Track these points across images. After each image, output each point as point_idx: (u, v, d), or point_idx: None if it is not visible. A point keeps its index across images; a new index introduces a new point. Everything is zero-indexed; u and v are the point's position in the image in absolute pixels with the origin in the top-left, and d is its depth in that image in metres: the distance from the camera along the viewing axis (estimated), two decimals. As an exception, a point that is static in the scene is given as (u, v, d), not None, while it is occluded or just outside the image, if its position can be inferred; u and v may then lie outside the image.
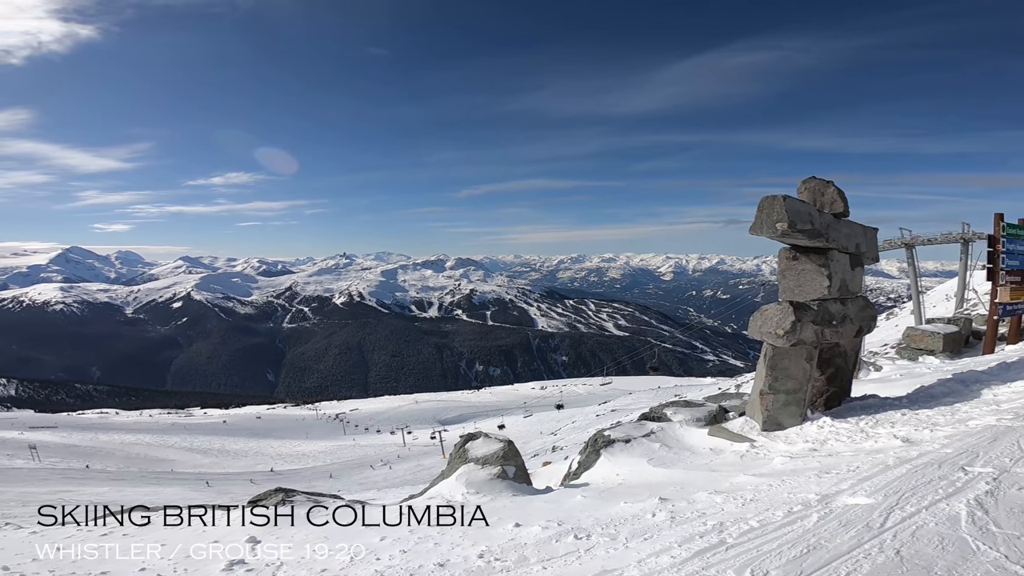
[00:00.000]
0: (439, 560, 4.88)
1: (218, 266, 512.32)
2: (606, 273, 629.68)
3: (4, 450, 42.19)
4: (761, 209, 7.32)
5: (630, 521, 5.20)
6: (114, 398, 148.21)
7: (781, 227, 7.11)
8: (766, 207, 7.25)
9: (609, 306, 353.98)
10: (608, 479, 7.32)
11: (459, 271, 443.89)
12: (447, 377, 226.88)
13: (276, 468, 43.11)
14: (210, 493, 22.58)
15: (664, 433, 8.47)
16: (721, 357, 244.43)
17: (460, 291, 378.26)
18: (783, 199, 7.13)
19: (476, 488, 7.04)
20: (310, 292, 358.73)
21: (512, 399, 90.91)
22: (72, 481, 27.21)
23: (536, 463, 20.83)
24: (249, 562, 5.18)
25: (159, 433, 62.23)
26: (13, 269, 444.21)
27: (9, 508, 15.88)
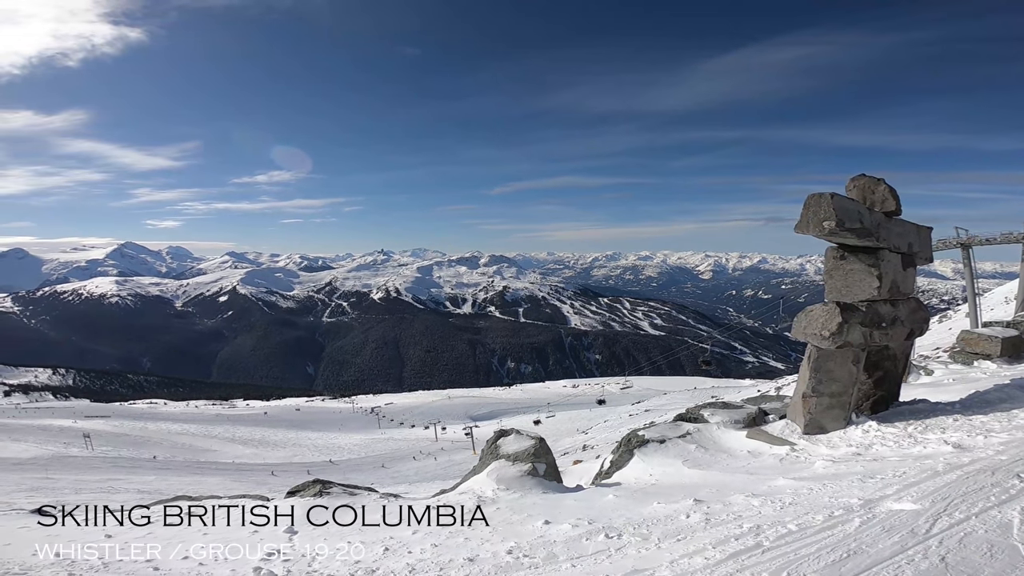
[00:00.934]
0: (468, 555, 4.96)
1: (262, 261, 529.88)
2: (642, 271, 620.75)
3: (61, 438, 44.74)
4: (807, 207, 7.12)
5: (663, 522, 5.14)
6: (163, 388, 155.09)
7: (828, 226, 6.89)
8: (812, 205, 7.05)
9: (645, 305, 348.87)
10: (641, 479, 7.24)
11: (492, 268, 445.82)
12: (479, 373, 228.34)
13: (311, 460, 44.20)
14: (248, 483, 23.35)
15: (700, 434, 8.32)
16: (761, 359, 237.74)
17: (493, 288, 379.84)
18: (831, 197, 6.93)
19: (506, 484, 7.08)
20: (349, 287, 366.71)
21: (543, 397, 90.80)
22: (121, 470, 28.60)
23: (566, 461, 20.75)
24: (286, 553, 5.38)
25: (204, 423, 64.81)
26: (73, 263, 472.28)
27: (63, 495, 16.70)
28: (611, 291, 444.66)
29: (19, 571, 4.69)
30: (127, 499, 15.62)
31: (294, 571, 4.94)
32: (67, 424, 53.13)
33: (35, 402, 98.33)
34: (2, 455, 33.95)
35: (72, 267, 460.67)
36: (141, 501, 13.86)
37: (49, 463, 30.46)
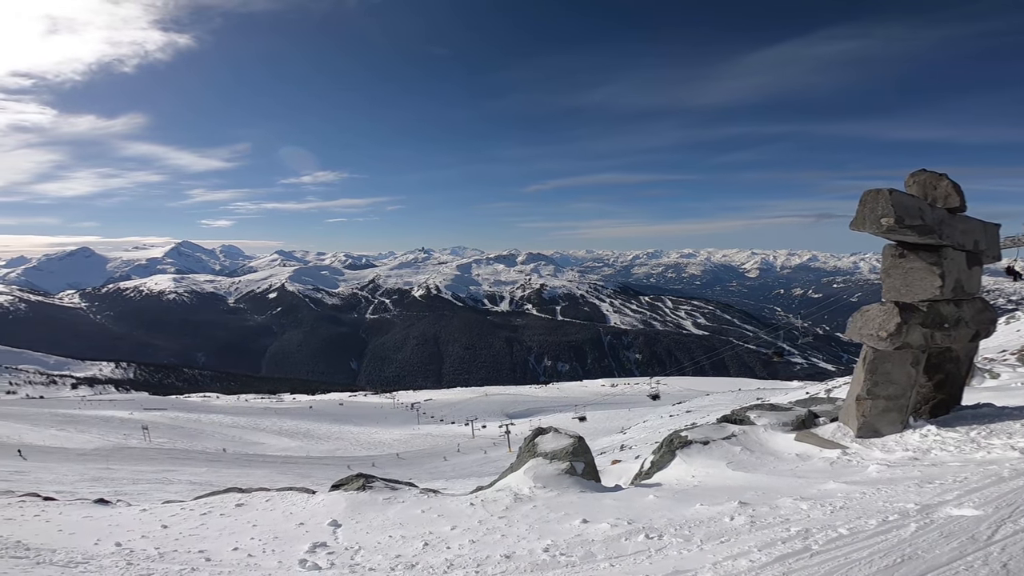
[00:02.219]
0: (505, 552, 4.99)
1: (309, 259, 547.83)
2: (685, 269, 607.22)
3: (122, 429, 47.49)
4: (863, 203, 6.88)
5: (706, 523, 5.04)
6: (215, 382, 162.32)
7: (887, 222, 6.62)
8: (869, 201, 6.81)
9: (688, 303, 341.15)
10: (683, 480, 7.11)
11: (530, 266, 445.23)
12: (516, 371, 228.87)
13: (353, 454, 45.31)
14: (292, 476, 24.13)
15: (746, 436, 8.11)
16: (811, 360, 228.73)
17: (530, 285, 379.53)
18: (888, 193, 6.68)
19: (543, 483, 7.09)
20: (391, 285, 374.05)
21: (581, 395, 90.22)
22: (176, 461, 30.03)
23: (604, 461, 20.55)
24: (330, 545, 5.56)
25: (253, 416, 67.48)
26: (135, 261, 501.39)
27: (122, 486, 17.65)
28: (652, 289, 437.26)
29: (82, 560, 4.97)
30: (180, 490, 16.48)
31: (338, 564, 5.09)
32: (127, 416, 56.22)
33: (99, 394, 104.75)
34: (69, 445, 36.33)
35: (134, 265, 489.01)
36: (194, 492, 14.62)
37: (110, 454, 32.30)
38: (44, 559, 4.97)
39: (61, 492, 13.05)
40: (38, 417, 49.65)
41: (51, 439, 39.28)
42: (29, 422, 45.62)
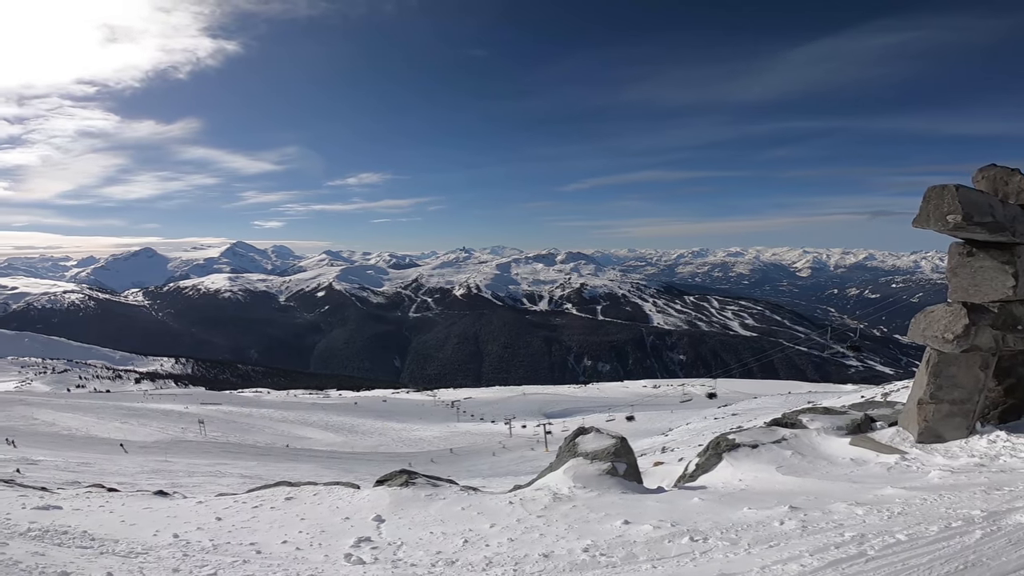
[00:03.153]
0: (544, 551, 4.99)
1: (355, 259, 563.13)
2: (732, 268, 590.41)
3: (180, 423, 49.96)
4: (928, 200, 6.60)
5: (754, 527, 4.90)
6: (267, 378, 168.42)
7: (954, 220, 6.31)
8: (934, 198, 6.54)
9: (735, 303, 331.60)
10: (729, 484, 6.92)
11: (569, 265, 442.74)
12: (555, 371, 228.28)
13: (395, 450, 46.14)
14: (337, 470, 24.75)
15: (798, 440, 7.84)
16: (867, 363, 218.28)
17: (570, 285, 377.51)
18: (955, 189, 6.41)
19: (584, 483, 7.04)
20: (433, 284, 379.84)
21: (621, 396, 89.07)
22: (229, 455, 31.42)
23: (645, 462, 20.17)
24: (374, 540, 5.69)
25: (301, 411, 69.81)
26: (193, 261, 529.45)
27: (178, 478, 18.56)
28: (697, 289, 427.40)
29: (142, 551, 5.21)
30: (231, 483, 17.18)
31: (381, 559, 5.18)
32: (185, 410, 59.07)
33: (160, 389, 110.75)
34: (131, 438, 38.45)
35: (192, 264, 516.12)
36: (244, 485, 15.23)
37: (169, 447, 34.01)
38: (107, 549, 5.19)
39: (123, 483, 13.76)
40: (104, 410, 52.65)
41: (115, 432, 41.61)
42: (96, 415, 48.52)
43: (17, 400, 55.41)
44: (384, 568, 4.96)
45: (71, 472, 17.37)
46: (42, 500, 7.43)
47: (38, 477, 13.38)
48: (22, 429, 36.54)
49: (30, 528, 5.62)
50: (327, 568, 4.96)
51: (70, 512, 6.81)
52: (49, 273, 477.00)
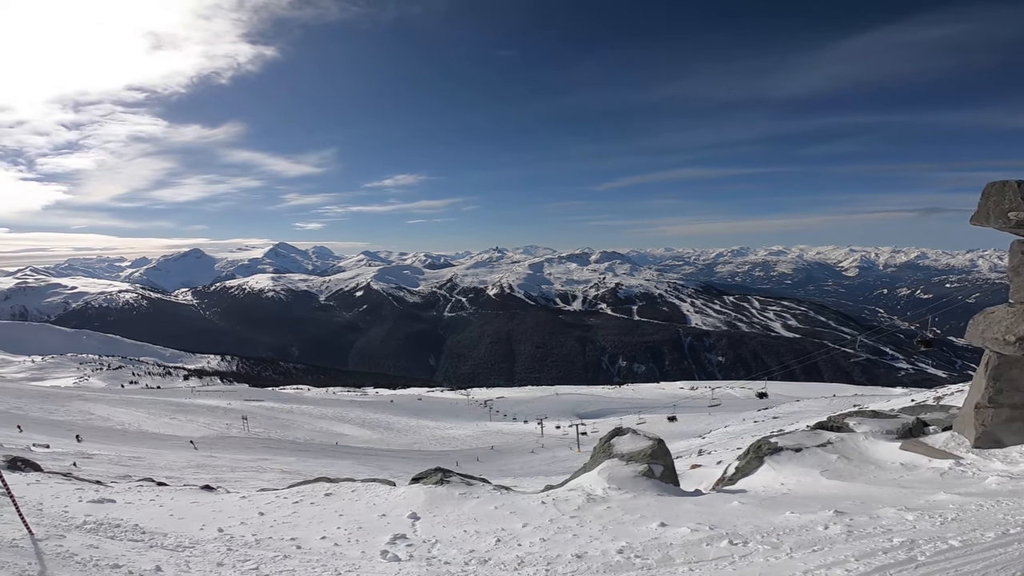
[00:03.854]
0: (577, 551, 4.96)
1: (392, 259, 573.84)
2: (774, 267, 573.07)
3: (224, 419, 51.65)
4: (987, 196, 6.35)
5: (796, 531, 4.74)
6: (307, 375, 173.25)
7: (1016, 216, 6.05)
8: (994, 194, 6.29)
9: (777, 304, 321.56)
10: (770, 487, 6.72)
11: (604, 264, 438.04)
12: (588, 371, 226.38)
13: (429, 448, 46.56)
14: (373, 467, 25.16)
15: (844, 444, 7.55)
16: (917, 366, 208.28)
17: (605, 284, 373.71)
18: (1016, 185, 6.16)
19: (618, 484, 6.96)
20: (467, 284, 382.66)
21: (657, 397, 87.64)
22: (270, 450, 32.24)
23: (682, 465, 19.80)
24: (409, 537, 5.78)
25: (339, 408, 71.34)
26: (239, 262, 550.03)
27: (222, 473, 19.09)
28: (738, 288, 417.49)
29: (188, 544, 5.39)
30: (272, 478, 17.64)
31: (416, 556, 5.26)
32: (229, 406, 60.93)
33: (206, 385, 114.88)
34: (179, 433, 39.94)
35: (238, 265, 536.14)
36: (284, 480, 15.62)
37: (214, 442, 35.14)
38: (156, 543, 5.38)
39: (170, 477, 14.24)
40: (154, 406, 54.78)
41: (164, 427, 43.27)
42: (147, 410, 50.51)
43: (76, 395, 58.00)
44: (419, 566, 5.02)
45: (123, 466, 17.94)
46: (97, 493, 7.72)
47: (93, 471, 13.98)
48: (79, 424, 38.10)
49: (85, 521, 5.84)
50: (364, 565, 5.04)
51: (123, 505, 7.05)
52: (105, 273, 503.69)
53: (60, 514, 6.09)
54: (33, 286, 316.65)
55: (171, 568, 4.58)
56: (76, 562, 4.38)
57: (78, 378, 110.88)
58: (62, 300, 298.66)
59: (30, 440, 23.74)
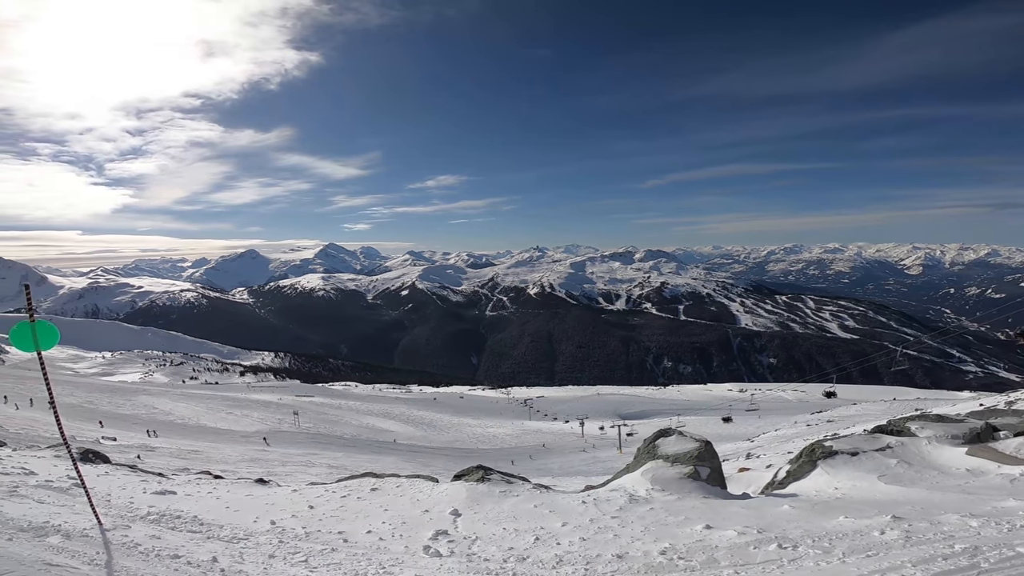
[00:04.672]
0: (617, 551, 4.90)
1: (436, 259, 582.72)
2: (830, 266, 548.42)
3: (277, 414, 53.52)
4: None
5: (850, 536, 4.55)
6: (355, 372, 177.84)
7: None
8: None
9: (833, 303, 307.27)
10: (823, 492, 6.45)
11: (649, 263, 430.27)
12: (632, 371, 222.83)
13: (470, 446, 46.85)
14: (416, 464, 25.57)
15: (904, 449, 7.16)
16: (988, 369, 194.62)
17: (649, 284, 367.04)
18: None
19: (662, 486, 6.86)
20: (508, 283, 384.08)
21: (703, 399, 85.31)
22: (318, 445, 33.19)
23: (729, 468, 19.20)
24: (451, 533, 5.88)
25: (384, 404, 72.95)
26: (291, 262, 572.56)
27: (273, 467, 19.72)
28: (791, 288, 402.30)
29: (243, 536, 5.62)
30: (320, 472, 18.17)
31: (456, 552, 5.33)
32: (281, 401, 63.22)
33: (261, 382, 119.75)
34: (234, 428, 41.61)
35: (290, 265, 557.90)
36: (332, 475, 16.05)
37: (267, 436, 36.43)
38: (213, 534, 5.61)
39: (225, 471, 14.84)
40: (212, 400, 57.37)
41: (221, 421, 45.10)
42: (205, 405, 52.85)
43: (141, 390, 61.20)
44: (459, 561, 5.08)
45: (182, 459, 18.70)
46: (159, 485, 8.06)
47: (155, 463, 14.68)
48: (144, 417, 40.09)
49: (149, 512, 6.12)
50: (407, 559, 5.15)
51: (183, 497, 7.37)
52: (168, 273, 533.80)
53: (126, 505, 6.39)
54: (104, 286, 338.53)
55: (226, 559, 4.74)
56: (139, 552, 4.57)
57: (143, 374, 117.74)
58: (129, 299, 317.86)
59: (99, 433, 25.21)
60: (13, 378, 48.29)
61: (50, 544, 4.27)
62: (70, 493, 6.23)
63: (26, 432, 19.93)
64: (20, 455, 9.21)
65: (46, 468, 7.77)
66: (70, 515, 5.23)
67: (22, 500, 5.63)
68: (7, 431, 18.43)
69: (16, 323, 4.50)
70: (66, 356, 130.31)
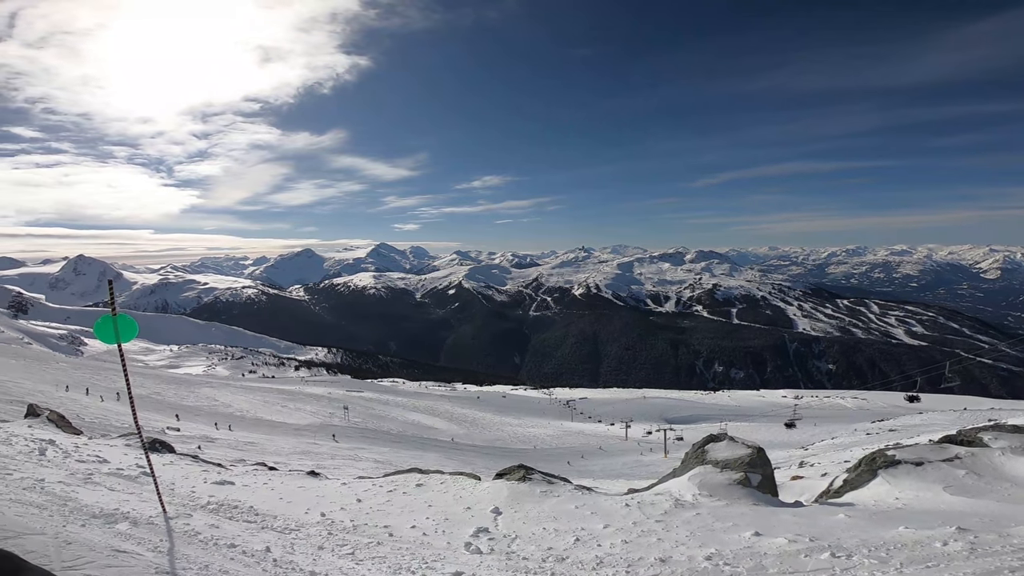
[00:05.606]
0: (661, 555, 4.83)
1: (481, 259, 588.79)
2: (896, 268, 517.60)
3: (328, 408, 55.27)
4: None
5: (909, 547, 4.31)
6: (403, 369, 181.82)
7: None
8: None
9: (899, 308, 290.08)
10: (882, 501, 6.14)
11: (700, 264, 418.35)
12: (680, 375, 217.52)
13: (511, 446, 46.91)
14: (458, 461, 25.74)
15: (974, 459, 6.71)
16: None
17: (701, 285, 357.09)
18: None
19: (710, 491, 6.73)
20: (552, 283, 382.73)
21: (755, 405, 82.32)
22: (366, 440, 33.97)
23: (781, 476, 18.40)
24: (491, 531, 5.95)
25: (430, 401, 74.38)
26: (344, 261, 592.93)
27: (322, 460, 20.28)
28: (853, 291, 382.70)
29: (295, 527, 5.83)
30: (366, 467, 18.62)
31: (496, 550, 5.38)
32: (333, 396, 65.36)
33: (314, 376, 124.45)
34: (288, 420, 43.22)
35: (343, 264, 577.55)
36: (378, 469, 16.43)
37: (317, 430, 37.41)
38: (267, 524, 5.85)
39: (278, 462, 15.36)
40: (269, 393, 59.63)
41: (277, 414, 46.91)
42: (262, 398, 54.99)
43: (204, 383, 64.30)
44: (498, 559, 5.12)
45: (239, 450, 19.46)
46: (219, 476, 8.43)
47: (214, 454, 15.33)
48: (206, 409, 42.03)
49: (209, 501, 6.41)
50: (448, 555, 5.23)
51: (240, 488, 7.68)
52: (231, 271, 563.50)
53: (188, 494, 6.69)
54: (173, 282, 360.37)
55: (278, 549, 4.91)
56: (199, 540, 4.75)
57: (207, 367, 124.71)
58: (196, 295, 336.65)
59: (165, 423, 26.70)
60: (90, 369, 51.75)
61: (118, 531, 4.48)
62: (138, 481, 6.59)
63: (100, 421, 21.32)
64: (95, 443, 9.79)
65: (117, 456, 8.24)
66: (138, 503, 5.53)
67: (95, 487, 5.96)
68: (83, 420, 19.77)
69: (99, 316, 4.76)
70: (138, 348, 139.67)
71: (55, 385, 32.51)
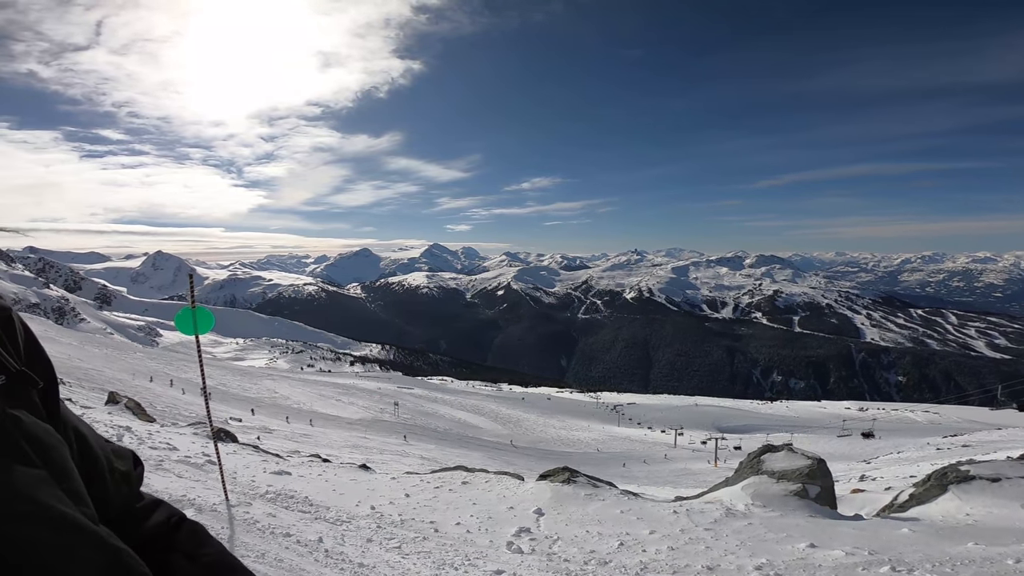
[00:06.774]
0: (708, 563, 4.75)
1: (530, 260, 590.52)
2: (978, 277, 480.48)
3: (380, 404, 56.40)
4: None
5: (977, 563, 4.05)
6: (452, 368, 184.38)
7: None
8: None
9: (981, 319, 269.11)
10: (951, 517, 5.77)
11: (760, 269, 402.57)
12: (736, 383, 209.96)
13: (554, 449, 46.53)
14: (501, 461, 25.75)
15: (1059, 479, 6.11)
16: None
17: (761, 291, 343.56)
18: None
19: (764, 501, 6.52)
20: (603, 286, 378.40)
21: (815, 416, 78.33)
22: (414, 436, 34.42)
23: (840, 489, 17.38)
24: (533, 532, 5.95)
25: (476, 400, 75.08)
26: (399, 261, 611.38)
27: (372, 454, 20.63)
28: (929, 300, 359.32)
29: (346, 519, 6.01)
30: (412, 463, 18.94)
31: (537, 551, 5.39)
32: (384, 392, 66.74)
33: (368, 371, 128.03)
34: (341, 414, 44.06)
35: (398, 264, 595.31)
36: (424, 466, 16.72)
37: (369, 425, 38.28)
38: (320, 516, 6.01)
39: (331, 455, 15.79)
40: (325, 387, 61.65)
41: (331, 407, 47.97)
42: (319, 391, 56.68)
43: (265, 375, 67.12)
44: (539, 560, 5.13)
45: (295, 442, 19.89)
46: (277, 466, 8.74)
47: (271, 445, 15.96)
48: (266, 400, 43.32)
49: (267, 491, 6.65)
50: (490, 553, 5.28)
51: (296, 478, 7.92)
52: (294, 269, 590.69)
53: (249, 483, 6.97)
54: (241, 278, 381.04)
55: (330, 540, 5.07)
56: (257, 529, 4.90)
57: (269, 359, 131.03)
58: (261, 291, 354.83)
59: (228, 414, 27.96)
60: (164, 360, 55.18)
61: (186, 517, 4.85)
62: (204, 469, 6.96)
63: (170, 410, 22.68)
64: (167, 431, 10.41)
65: (186, 444, 8.73)
66: (203, 490, 5.81)
67: (165, 474, 6.34)
68: (156, 408, 21.14)
69: (179, 309, 5.03)
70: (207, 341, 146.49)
71: (131, 374, 34.73)
